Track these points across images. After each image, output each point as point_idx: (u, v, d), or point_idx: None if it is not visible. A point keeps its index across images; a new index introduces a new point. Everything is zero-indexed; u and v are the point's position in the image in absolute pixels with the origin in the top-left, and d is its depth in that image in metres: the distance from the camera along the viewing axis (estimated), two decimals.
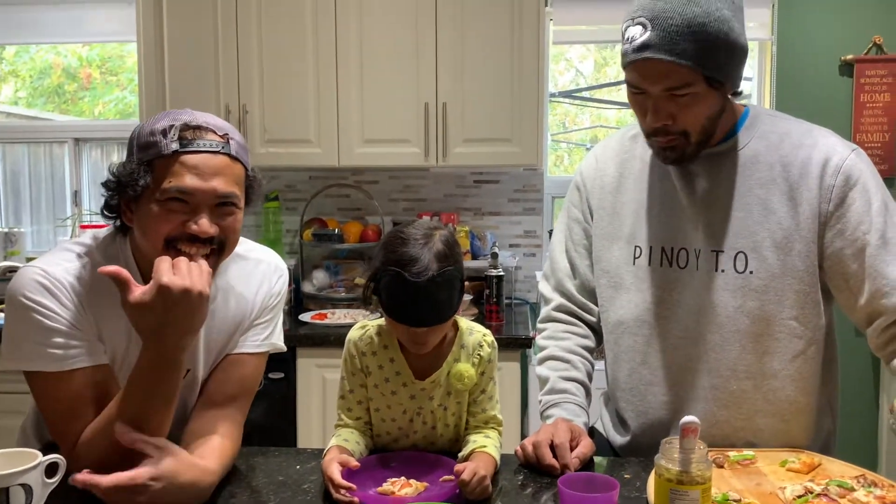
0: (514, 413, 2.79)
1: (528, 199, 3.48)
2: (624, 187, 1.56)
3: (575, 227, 1.64)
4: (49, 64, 4.04)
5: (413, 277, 1.28)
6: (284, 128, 3.11)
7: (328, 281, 3.36)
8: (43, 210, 3.84)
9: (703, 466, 1.08)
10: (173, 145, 1.22)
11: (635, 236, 1.52)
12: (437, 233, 1.35)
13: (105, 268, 1.17)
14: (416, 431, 1.46)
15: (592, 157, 1.65)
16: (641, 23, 1.32)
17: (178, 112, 1.27)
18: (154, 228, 1.23)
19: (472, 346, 1.43)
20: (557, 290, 1.67)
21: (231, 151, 1.26)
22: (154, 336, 1.18)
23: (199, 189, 1.22)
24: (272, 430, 2.83)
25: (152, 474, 1.13)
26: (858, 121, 3.30)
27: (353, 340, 1.46)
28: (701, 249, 1.45)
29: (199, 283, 1.16)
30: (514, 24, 3.00)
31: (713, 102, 1.37)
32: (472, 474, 1.24)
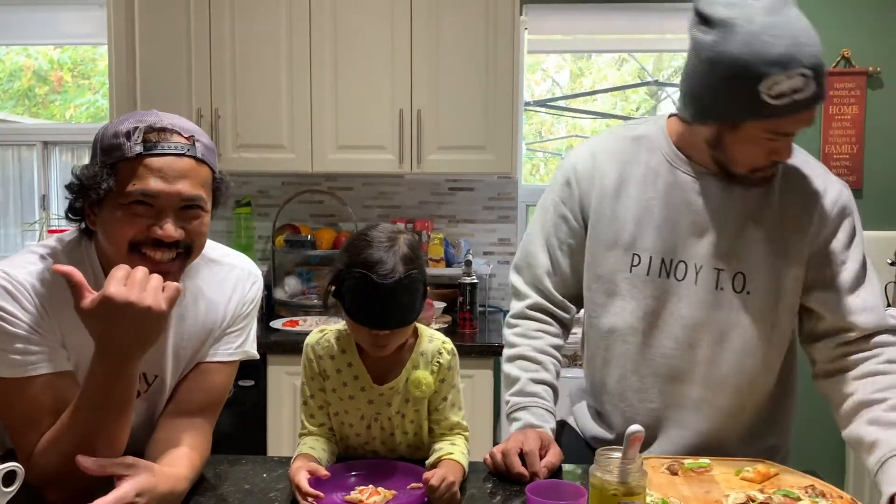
0: (486, 420, 2.79)
1: (503, 206, 3.48)
2: (625, 192, 1.52)
3: (561, 224, 1.59)
4: (19, 66, 3.99)
5: (380, 279, 1.28)
6: (257, 132, 3.08)
7: (300, 288, 3.33)
8: (10, 214, 3.78)
9: (640, 475, 1.08)
10: (137, 148, 1.19)
11: (634, 244, 1.50)
12: (401, 236, 1.35)
13: (60, 266, 1.14)
14: (375, 438, 1.45)
15: (588, 154, 1.58)
16: (804, 74, 1.28)
17: (144, 113, 1.25)
18: (117, 232, 1.21)
19: (431, 354, 1.43)
20: (533, 287, 1.62)
21: (197, 154, 1.24)
22: (103, 346, 1.15)
23: (163, 192, 1.20)
24: (242, 438, 2.80)
25: (136, 490, 1.11)
26: (827, 133, 3.35)
27: (310, 344, 1.46)
28: (703, 266, 1.46)
29: (150, 298, 1.12)
30: (489, 32, 3.01)
31: None
32: (441, 480, 1.23)
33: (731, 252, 1.44)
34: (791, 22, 1.30)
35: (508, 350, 1.61)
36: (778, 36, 1.27)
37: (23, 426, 1.22)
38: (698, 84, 1.36)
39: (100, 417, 1.16)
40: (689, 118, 1.42)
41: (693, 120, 1.41)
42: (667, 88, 4.05)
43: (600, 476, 1.08)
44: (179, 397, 1.37)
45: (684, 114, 1.44)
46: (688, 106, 1.41)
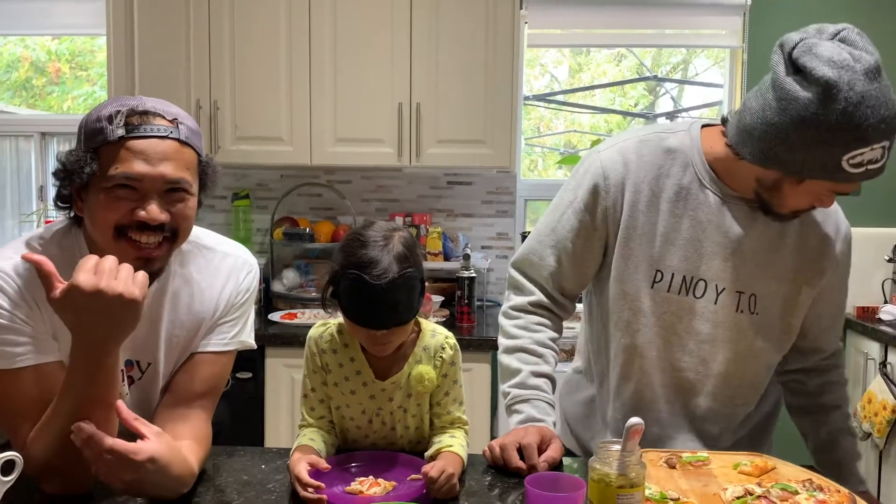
0: (483, 414, 2.79)
1: (501, 201, 3.48)
2: (655, 207, 1.48)
3: (580, 229, 1.52)
4: (17, 57, 3.97)
5: (374, 280, 1.28)
6: (256, 125, 3.08)
7: (298, 280, 3.33)
8: (8, 205, 3.77)
9: (639, 468, 1.09)
10: (119, 131, 1.19)
11: (659, 261, 1.48)
12: (395, 234, 1.34)
13: (29, 255, 1.13)
14: (376, 431, 1.46)
15: (621, 162, 1.49)
16: (884, 147, 1.26)
17: (127, 98, 1.24)
18: (102, 216, 1.20)
19: (433, 349, 1.43)
20: (537, 284, 1.60)
21: (181, 136, 1.23)
22: (78, 335, 1.14)
23: (146, 175, 1.19)
24: (240, 429, 2.80)
25: (150, 455, 1.10)
26: None
27: (313, 338, 1.46)
28: (725, 288, 1.47)
29: (121, 285, 1.10)
30: (489, 26, 3.00)
31: None
32: (440, 472, 1.23)
33: (750, 276, 1.47)
34: (884, 92, 1.24)
35: (507, 341, 1.59)
36: (875, 108, 1.22)
37: (14, 417, 1.22)
38: (776, 134, 1.29)
39: (84, 406, 1.14)
40: (747, 156, 1.37)
41: (753, 160, 1.36)
42: (665, 84, 4.05)
43: (600, 468, 1.08)
44: (176, 388, 1.37)
45: (742, 149, 1.38)
46: (750, 145, 1.35)
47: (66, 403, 1.15)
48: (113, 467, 1.09)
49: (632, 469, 1.07)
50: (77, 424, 1.08)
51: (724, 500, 1.21)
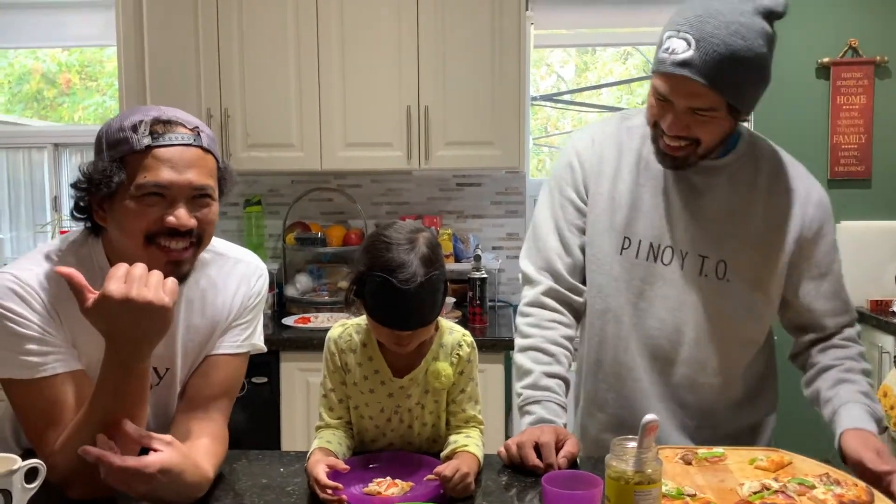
0: (497, 414, 2.80)
1: (511, 201, 3.49)
2: (620, 177, 1.57)
3: (568, 205, 1.62)
4: (28, 69, 4.01)
5: (402, 284, 1.29)
6: (267, 132, 3.10)
7: (311, 285, 3.35)
8: (22, 216, 3.81)
9: (656, 464, 1.10)
10: (145, 140, 1.20)
11: (626, 228, 1.55)
12: (420, 236, 1.35)
13: (62, 269, 1.15)
14: (393, 430, 1.47)
15: (589, 138, 1.63)
16: (686, 38, 1.35)
17: (146, 108, 1.26)
18: (132, 225, 1.22)
19: (451, 346, 1.45)
20: (546, 271, 1.63)
21: (203, 144, 1.26)
22: (111, 343, 1.16)
23: (174, 182, 1.21)
24: (256, 434, 2.82)
25: (162, 466, 1.12)
26: (835, 123, 3.34)
27: (332, 338, 1.47)
28: (688, 252, 1.52)
29: (150, 293, 1.12)
30: (495, 27, 3.01)
31: (728, 125, 1.43)
32: (454, 471, 1.25)
33: (714, 241, 1.51)
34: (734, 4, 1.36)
35: (521, 340, 1.61)
36: (708, 3, 1.37)
37: (39, 426, 1.24)
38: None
39: (114, 413, 1.16)
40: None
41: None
42: None
43: (616, 465, 1.09)
44: (191, 392, 1.38)
45: None
46: None
47: (98, 409, 1.17)
48: (126, 481, 1.12)
49: (648, 465, 1.08)
50: (83, 448, 1.10)
51: (741, 495, 1.22)
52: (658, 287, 1.54)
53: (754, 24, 1.34)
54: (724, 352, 1.54)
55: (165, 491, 1.15)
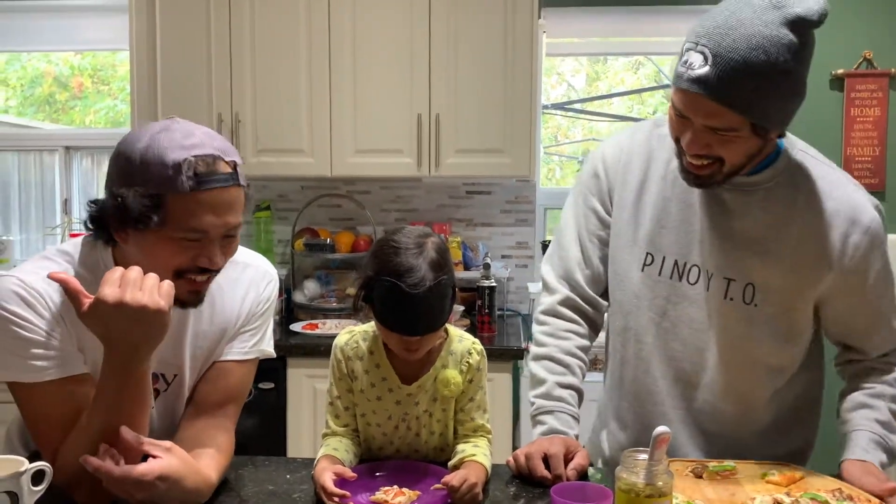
0: (505, 424, 2.78)
1: (521, 210, 3.48)
2: (647, 189, 1.50)
3: (591, 215, 1.57)
4: (40, 72, 4.03)
5: (410, 289, 1.29)
6: (277, 137, 3.10)
7: (319, 291, 3.35)
8: (32, 218, 3.82)
9: (667, 477, 1.08)
10: (189, 183, 1.17)
11: (650, 243, 1.49)
12: (428, 241, 1.35)
13: (55, 274, 1.14)
14: (401, 437, 1.46)
15: (617, 145, 1.56)
16: (703, 52, 1.24)
17: (180, 134, 1.20)
18: (165, 261, 1.21)
19: (460, 354, 1.44)
20: (565, 280, 1.60)
21: (240, 181, 1.24)
22: (108, 347, 1.15)
23: (214, 226, 1.21)
24: (262, 440, 2.81)
25: (161, 474, 1.12)
26: (849, 135, 3.32)
27: (339, 346, 1.47)
28: (713, 273, 1.43)
29: (146, 297, 1.11)
30: (507, 35, 3.01)
31: (754, 144, 1.32)
32: (462, 481, 1.24)
33: (743, 263, 1.41)
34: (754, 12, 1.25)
35: (536, 349, 1.59)
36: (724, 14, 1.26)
37: (44, 429, 1.24)
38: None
39: (115, 417, 1.16)
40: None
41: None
42: None
43: (627, 477, 1.08)
44: (198, 398, 1.38)
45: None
46: None
47: (99, 413, 1.17)
48: (126, 489, 1.12)
49: (659, 478, 1.06)
50: (83, 457, 1.10)
51: None
52: (683, 307, 1.47)
53: (780, 36, 1.21)
54: (748, 379, 1.46)
55: (166, 497, 1.15)
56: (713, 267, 1.43)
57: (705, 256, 1.44)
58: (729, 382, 1.46)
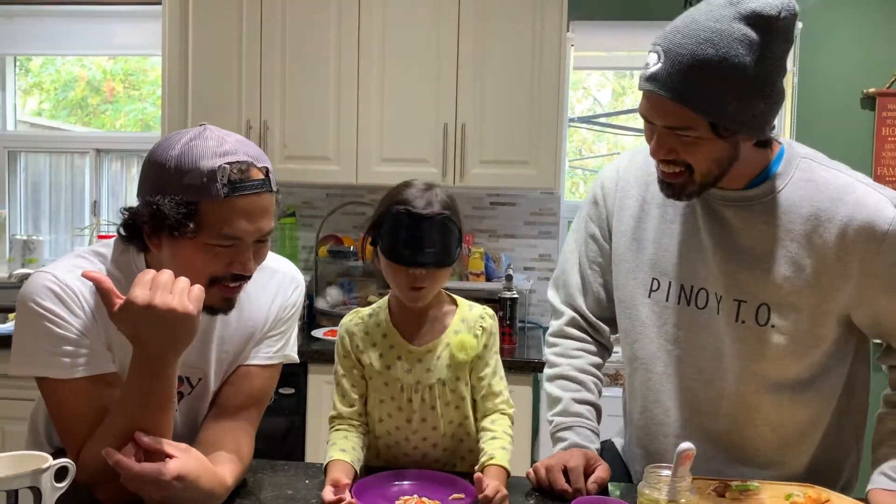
0: (524, 436, 2.77)
1: (545, 222, 3.47)
2: (647, 213, 1.47)
3: (591, 242, 1.57)
4: (73, 76, 4.09)
5: (419, 210, 1.35)
6: (304, 144, 3.12)
7: (342, 298, 3.36)
8: (62, 219, 3.87)
9: (690, 495, 1.07)
10: (224, 190, 1.19)
11: (654, 268, 1.45)
12: (437, 187, 1.42)
13: (89, 273, 1.16)
14: (416, 432, 1.46)
15: (615, 171, 1.55)
16: (657, 51, 1.24)
17: (213, 141, 1.22)
18: (200, 267, 1.22)
19: (473, 319, 1.47)
20: (568, 304, 1.61)
21: (272, 187, 1.26)
22: (137, 348, 1.16)
23: (248, 233, 1.22)
24: (282, 444, 2.81)
25: (177, 473, 1.13)
26: (880, 154, 3.28)
27: (345, 325, 1.50)
28: (722, 296, 1.37)
29: (175, 300, 1.12)
30: (535, 47, 3.01)
31: (721, 149, 1.27)
32: (496, 492, 1.23)
33: (752, 283, 1.35)
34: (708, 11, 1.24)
35: (549, 370, 1.59)
36: (684, 17, 1.27)
37: (70, 426, 1.25)
38: None
39: (141, 417, 1.18)
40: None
41: None
42: None
43: (649, 493, 1.07)
44: (221, 400, 1.39)
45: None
46: None
47: (124, 413, 1.18)
48: (142, 488, 1.13)
49: (682, 495, 1.05)
50: (105, 450, 1.12)
51: None
52: (694, 334, 1.41)
53: (732, 30, 1.19)
54: (771, 404, 1.38)
55: (182, 497, 1.16)
56: (721, 289, 1.37)
57: (713, 279, 1.38)
58: (751, 410, 1.39)
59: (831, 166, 1.38)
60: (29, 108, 4.08)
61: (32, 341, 1.23)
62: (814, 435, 1.43)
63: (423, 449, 1.48)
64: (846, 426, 1.47)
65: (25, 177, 3.89)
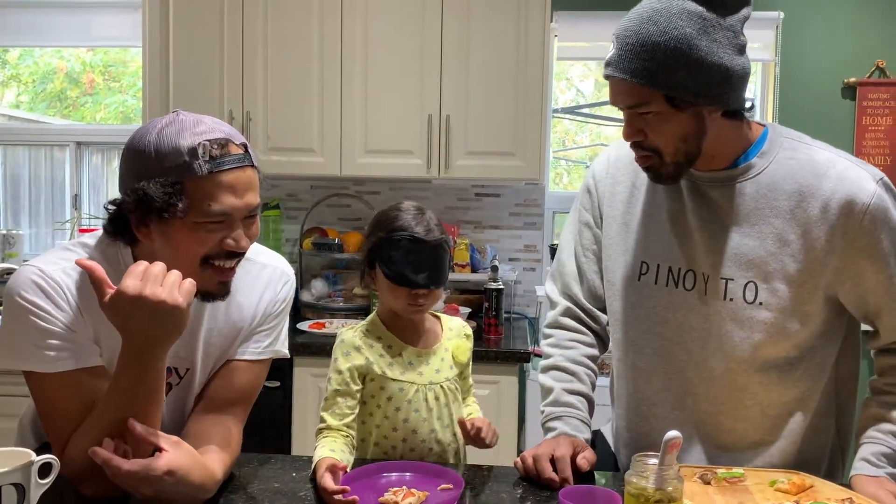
0: (511, 427, 2.77)
1: (529, 213, 3.48)
2: (635, 198, 1.50)
3: (585, 230, 1.59)
4: (52, 68, 4.04)
5: (424, 237, 1.45)
6: (287, 136, 3.10)
7: (327, 290, 3.35)
8: (42, 213, 3.83)
9: (677, 482, 1.07)
10: (207, 166, 1.18)
11: (643, 252, 1.47)
12: (427, 211, 1.52)
13: (82, 261, 1.15)
14: (433, 431, 1.52)
15: (605, 159, 1.59)
16: (613, 41, 1.34)
17: (187, 121, 1.22)
18: (192, 249, 1.22)
19: (457, 328, 1.62)
20: (564, 294, 1.63)
21: (253, 162, 1.26)
22: (125, 339, 1.16)
23: (236, 208, 1.22)
24: (268, 438, 2.80)
25: (168, 468, 1.12)
26: (860, 144, 3.31)
27: (346, 340, 1.53)
28: (709, 275, 1.39)
29: (164, 292, 1.12)
30: (519, 38, 3.01)
31: (684, 123, 1.32)
32: (484, 421, 1.47)
33: (740, 261, 1.37)
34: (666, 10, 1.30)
35: (543, 360, 1.61)
36: (639, 14, 1.33)
37: (56, 420, 1.24)
38: None
39: (128, 411, 1.16)
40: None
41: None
42: None
43: (636, 482, 1.07)
44: (210, 394, 1.38)
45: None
46: None
47: (112, 405, 1.18)
48: (133, 484, 1.12)
49: (669, 483, 1.06)
50: (92, 449, 1.10)
51: None
52: (682, 316, 1.43)
53: (671, 6, 1.28)
54: (761, 383, 1.40)
55: (172, 491, 1.15)
56: (709, 268, 1.40)
57: (700, 259, 1.41)
58: (740, 390, 1.40)
59: (814, 144, 1.42)
60: (6, 100, 4.03)
61: (17, 335, 1.22)
62: (801, 417, 1.43)
63: (434, 452, 1.54)
64: (834, 413, 1.48)
65: (4, 170, 3.85)
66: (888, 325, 1.39)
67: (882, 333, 1.41)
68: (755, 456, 1.44)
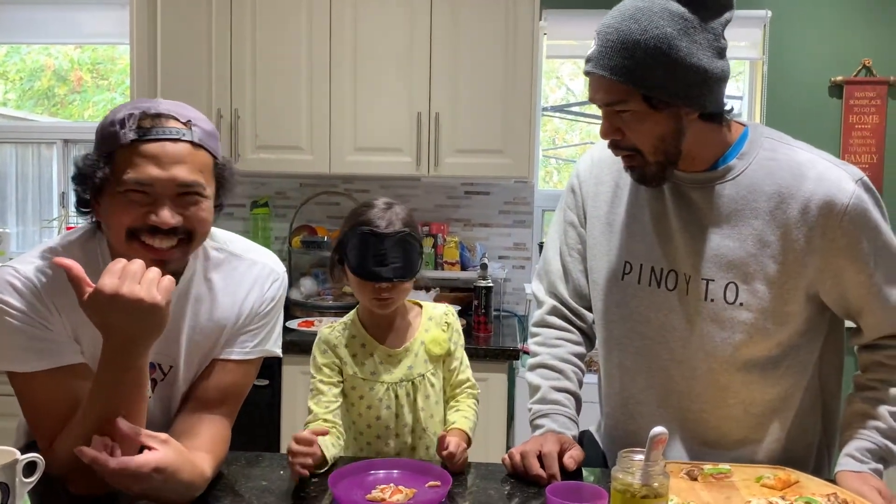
0: (500, 424, 2.78)
1: (519, 211, 3.48)
2: (619, 199, 1.50)
3: (570, 230, 1.60)
4: (40, 65, 4.02)
5: (382, 230, 1.48)
6: (276, 134, 3.10)
7: (316, 289, 3.34)
8: (29, 211, 3.81)
9: (663, 478, 1.08)
10: (130, 134, 1.19)
11: (626, 252, 1.47)
12: (396, 206, 1.55)
13: (60, 260, 1.14)
14: (406, 425, 1.54)
15: (589, 158, 1.60)
16: (594, 38, 1.34)
17: (143, 101, 1.24)
18: (116, 221, 1.21)
19: (438, 317, 1.62)
20: (550, 293, 1.63)
21: (194, 138, 1.23)
22: (105, 337, 1.15)
23: (158, 179, 1.19)
24: (257, 436, 2.80)
25: (157, 466, 1.12)
26: (847, 142, 3.33)
27: (324, 338, 1.59)
28: (691, 276, 1.40)
29: (143, 290, 1.11)
30: (509, 36, 3.01)
31: (661, 123, 1.32)
32: (457, 447, 1.38)
33: (720, 262, 1.37)
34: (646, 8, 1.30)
35: (531, 359, 1.61)
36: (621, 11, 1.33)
37: (41, 419, 1.24)
38: None
39: (113, 409, 1.15)
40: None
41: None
42: None
43: (623, 478, 1.08)
44: (197, 393, 1.37)
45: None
46: None
47: (96, 404, 1.17)
48: (121, 482, 1.11)
49: (655, 479, 1.06)
50: (78, 448, 1.09)
51: None
52: (664, 315, 1.43)
53: (654, 5, 1.29)
54: (742, 384, 1.40)
55: (161, 489, 1.15)
56: (690, 269, 1.40)
57: (681, 260, 1.41)
58: (723, 389, 1.41)
59: (795, 145, 1.41)
60: None
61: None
62: (785, 414, 1.44)
63: (409, 445, 1.56)
64: (819, 410, 1.49)
65: None
66: (870, 324, 1.40)
67: (865, 331, 1.42)
68: (741, 453, 1.45)
